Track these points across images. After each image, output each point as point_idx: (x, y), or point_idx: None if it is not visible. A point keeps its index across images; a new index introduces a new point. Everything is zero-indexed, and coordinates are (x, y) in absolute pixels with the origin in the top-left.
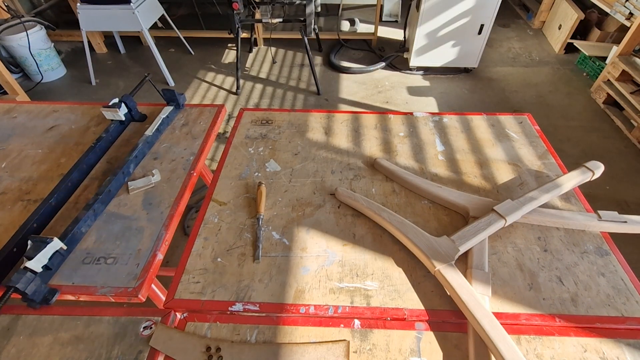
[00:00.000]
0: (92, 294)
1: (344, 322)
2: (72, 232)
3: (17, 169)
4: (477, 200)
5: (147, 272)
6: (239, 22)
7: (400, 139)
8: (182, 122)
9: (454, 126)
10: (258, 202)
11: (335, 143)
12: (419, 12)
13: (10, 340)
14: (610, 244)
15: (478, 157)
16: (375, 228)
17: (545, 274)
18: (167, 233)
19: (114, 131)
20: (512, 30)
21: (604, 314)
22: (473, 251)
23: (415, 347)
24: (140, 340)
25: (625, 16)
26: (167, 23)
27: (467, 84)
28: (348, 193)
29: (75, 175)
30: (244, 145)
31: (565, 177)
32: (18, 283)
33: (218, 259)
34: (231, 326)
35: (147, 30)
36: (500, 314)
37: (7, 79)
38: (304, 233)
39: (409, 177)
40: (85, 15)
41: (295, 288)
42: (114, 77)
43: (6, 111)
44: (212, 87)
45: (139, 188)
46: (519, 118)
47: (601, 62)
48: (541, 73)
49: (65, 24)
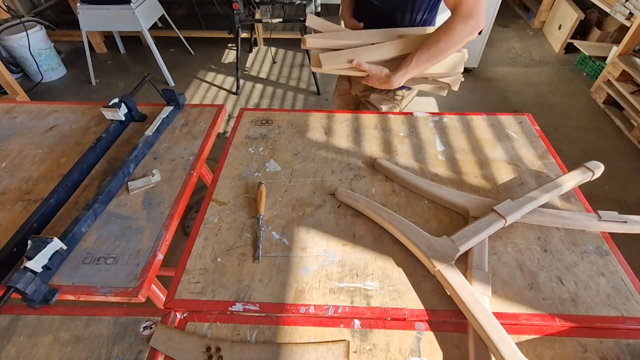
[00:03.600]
0: (92, 294)
1: (344, 322)
2: (72, 232)
3: (17, 169)
4: (477, 200)
5: (147, 272)
6: (239, 22)
7: (400, 139)
8: (182, 122)
9: (454, 126)
10: (258, 202)
11: (335, 143)
12: None
13: (10, 340)
14: (610, 244)
15: (478, 157)
16: (375, 228)
17: (545, 274)
18: (167, 233)
19: (114, 131)
20: (512, 30)
21: (604, 314)
22: (473, 251)
23: (415, 347)
24: (140, 340)
25: (625, 16)
26: (167, 23)
27: (467, 84)
28: (348, 193)
29: (75, 175)
30: (244, 145)
31: (565, 177)
32: (18, 283)
33: (218, 259)
34: (231, 326)
35: (147, 30)
36: (500, 314)
37: (7, 79)
38: (304, 233)
39: (409, 177)
40: (85, 15)
41: (295, 288)
42: (114, 77)
43: (6, 111)
44: (212, 87)
45: (139, 188)
46: (519, 118)
47: (601, 62)
48: (541, 73)
49: (65, 24)
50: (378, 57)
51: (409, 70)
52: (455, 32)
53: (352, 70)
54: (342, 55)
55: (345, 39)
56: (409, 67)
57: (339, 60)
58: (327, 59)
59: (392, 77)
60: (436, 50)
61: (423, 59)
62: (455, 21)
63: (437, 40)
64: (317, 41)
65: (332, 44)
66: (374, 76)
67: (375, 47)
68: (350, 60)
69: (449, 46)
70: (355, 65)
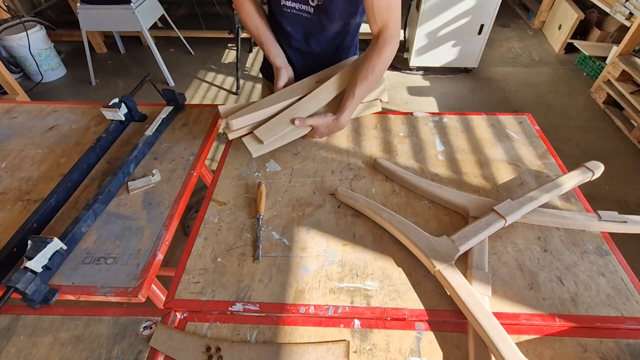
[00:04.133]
0: (92, 294)
1: (344, 322)
2: (72, 232)
3: (17, 169)
4: (477, 200)
5: (147, 272)
6: (238, 22)
7: (400, 139)
8: (182, 122)
9: (454, 126)
10: (258, 202)
11: (335, 143)
12: (419, 12)
13: (10, 340)
14: (610, 244)
15: (478, 157)
16: (375, 228)
17: (545, 274)
18: (167, 233)
19: (114, 131)
20: (512, 30)
21: (604, 314)
22: (473, 251)
23: (415, 347)
24: (140, 340)
25: (625, 16)
26: (167, 23)
27: (467, 84)
28: (348, 193)
29: (75, 175)
30: (244, 145)
31: (565, 177)
32: (18, 283)
33: (218, 259)
34: (231, 326)
35: (147, 30)
36: (500, 314)
37: (7, 79)
38: (304, 233)
39: (409, 177)
40: (85, 15)
41: (295, 288)
42: (114, 77)
43: (6, 111)
44: (212, 87)
45: (139, 188)
46: (519, 118)
47: (601, 62)
48: (541, 73)
49: (65, 24)
50: (317, 106)
51: (353, 105)
52: (387, 56)
53: (296, 131)
54: (280, 120)
55: (273, 104)
56: (352, 102)
57: (278, 127)
58: (265, 132)
59: (340, 119)
60: (374, 78)
61: (363, 89)
62: (385, 44)
63: (372, 68)
64: (244, 119)
65: (262, 114)
66: (322, 125)
67: (309, 99)
68: (292, 120)
69: (383, 69)
70: (299, 125)
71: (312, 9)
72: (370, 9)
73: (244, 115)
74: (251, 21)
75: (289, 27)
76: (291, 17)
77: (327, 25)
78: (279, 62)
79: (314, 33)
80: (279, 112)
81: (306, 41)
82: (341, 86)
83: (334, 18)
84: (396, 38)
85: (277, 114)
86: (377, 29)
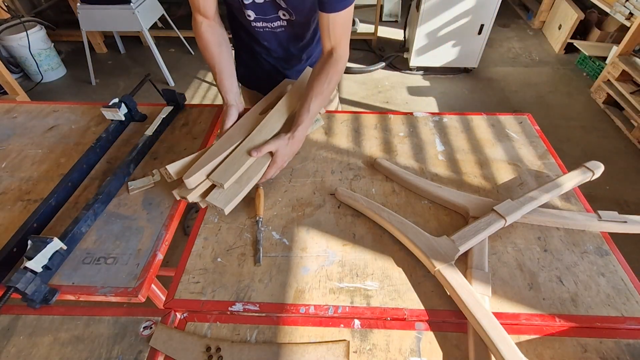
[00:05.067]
0: (92, 294)
1: (344, 322)
2: (72, 232)
3: (17, 169)
4: (477, 200)
5: (147, 272)
6: None
7: (400, 139)
8: (182, 122)
9: (454, 126)
10: (257, 204)
11: (335, 143)
12: (419, 12)
13: (10, 340)
14: (610, 244)
15: (478, 157)
16: (375, 228)
17: (545, 274)
18: (167, 233)
19: (114, 131)
20: (512, 30)
21: (604, 314)
22: (473, 251)
23: (415, 347)
24: (140, 340)
25: (625, 16)
26: (167, 23)
27: (467, 84)
28: (348, 193)
29: (75, 175)
30: None
31: (565, 177)
32: (18, 283)
33: (218, 259)
34: (231, 326)
35: (147, 30)
36: (500, 314)
37: (7, 79)
38: (304, 233)
39: (409, 177)
40: (85, 15)
41: (295, 288)
42: (114, 77)
43: (6, 111)
44: (212, 87)
45: (139, 188)
46: (519, 118)
47: (601, 62)
48: (541, 73)
49: (65, 24)
50: (269, 134)
51: (308, 120)
52: (340, 72)
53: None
54: (235, 159)
55: (225, 148)
56: (307, 116)
57: (234, 166)
58: (222, 175)
59: (295, 134)
60: (329, 91)
61: (319, 103)
62: (340, 59)
63: (329, 81)
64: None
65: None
66: (280, 147)
67: (259, 129)
68: (249, 152)
69: (337, 83)
70: (256, 155)
71: (285, 22)
72: (325, 25)
73: (198, 169)
74: (206, 50)
75: (265, 42)
76: (266, 34)
77: (304, 32)
78: (230, 98)
79: (291, 41)
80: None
81: (285, 50)
82: (289, 109)
83: (308, 24)
84: (345, 58)
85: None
86: (330, 46)
